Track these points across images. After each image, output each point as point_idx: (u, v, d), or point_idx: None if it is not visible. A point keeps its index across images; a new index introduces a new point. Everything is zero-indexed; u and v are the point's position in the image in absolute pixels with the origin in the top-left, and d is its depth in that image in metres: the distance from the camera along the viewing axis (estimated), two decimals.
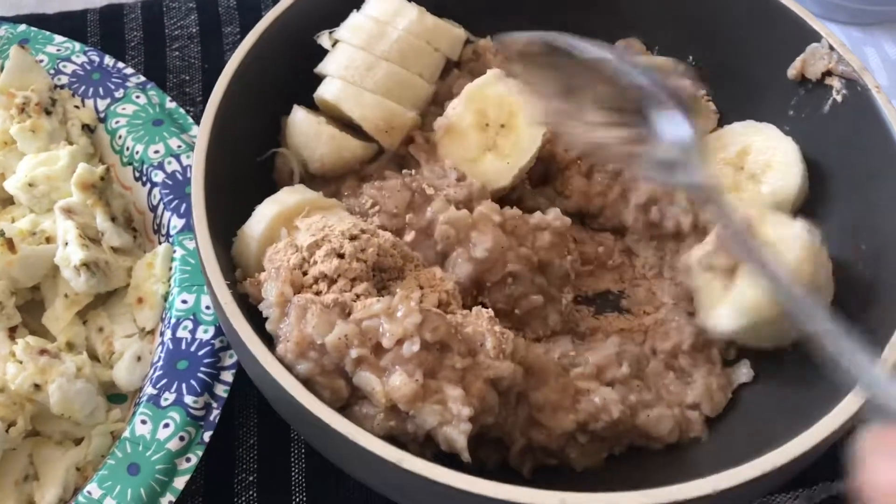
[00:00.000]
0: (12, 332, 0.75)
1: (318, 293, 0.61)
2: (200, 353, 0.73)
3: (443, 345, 0.58)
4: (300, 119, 0.77)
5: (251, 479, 0.74)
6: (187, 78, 0.97)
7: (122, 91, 0.88)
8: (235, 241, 0.69)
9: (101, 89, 0.88)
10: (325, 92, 0.78)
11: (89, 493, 0.66)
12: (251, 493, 0.73)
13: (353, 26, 0.80)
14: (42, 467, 0.71)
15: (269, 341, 0.62)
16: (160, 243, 0.82)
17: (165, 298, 0.78)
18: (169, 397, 0.71)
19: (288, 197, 0.70)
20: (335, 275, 0.61)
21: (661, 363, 0.71)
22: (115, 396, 0.76)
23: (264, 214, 0.69)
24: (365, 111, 0.76)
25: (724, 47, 0.85)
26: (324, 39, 0.80)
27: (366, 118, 0.76)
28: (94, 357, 0.76)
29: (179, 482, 0.68)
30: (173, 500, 0.67)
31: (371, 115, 0.76)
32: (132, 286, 0.79)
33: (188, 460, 0.69)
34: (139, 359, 0.75)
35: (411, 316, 0.58)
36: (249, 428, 0.76)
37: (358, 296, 0.60)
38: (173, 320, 0.75)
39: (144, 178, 0.84)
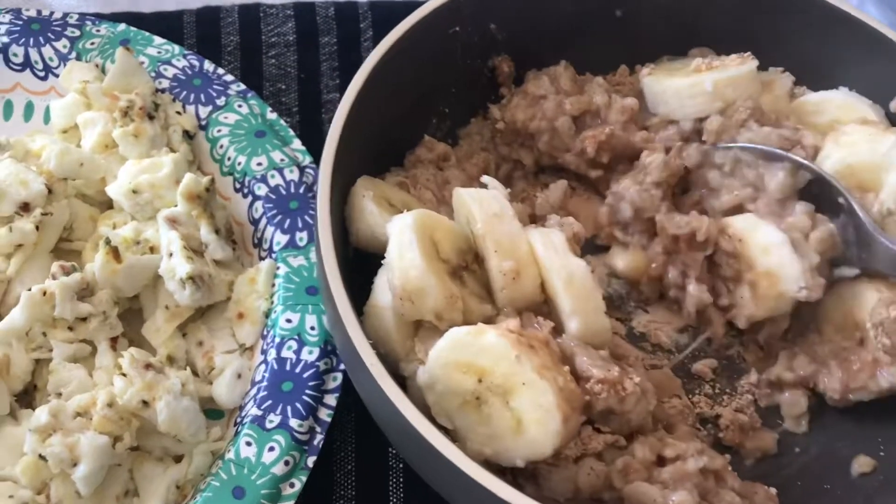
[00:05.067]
0: (114, 343, 0.74)
1: None
2: (305, 375, 0.72)
3: (717, 476, 0.60)
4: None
5: None
6: (283, 87, 0.95)
7: (223, 99, 0.87)
8: (365, 318, 0.65)
9: (202, 96, 0.87)
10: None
11: None
12: None
13: None
14: (142, 483, 0.70)
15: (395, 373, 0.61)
16: (260, 257, 0.80)
17: (266, 315, 0.76)
18: (274, 419, 0.69)
19: None
20: None
21: None
22: (211, 412, 0.75)
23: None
24: None
25: (820, 77, 0.83)
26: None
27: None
28: (192, 371, 0.75)
29: None
30: None
31: None
32: (233, 300, 0.77)
33: (292, 485, 0.68)
34: (239, 376, 0.74)
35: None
36: (347, 453, 0.75)
37: None
38: (277, 339, 0.73)
39: (246, 190, 0.82)
